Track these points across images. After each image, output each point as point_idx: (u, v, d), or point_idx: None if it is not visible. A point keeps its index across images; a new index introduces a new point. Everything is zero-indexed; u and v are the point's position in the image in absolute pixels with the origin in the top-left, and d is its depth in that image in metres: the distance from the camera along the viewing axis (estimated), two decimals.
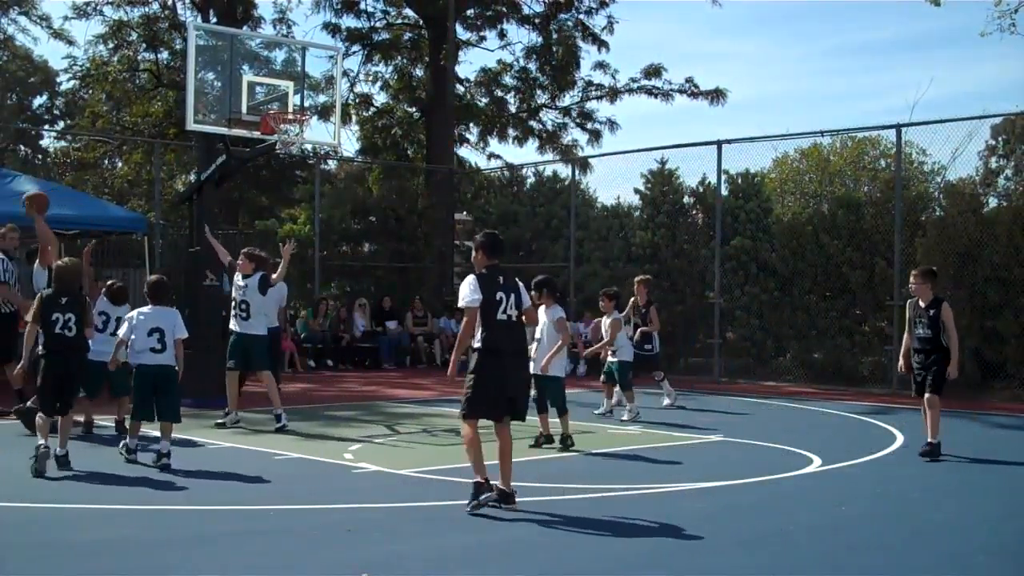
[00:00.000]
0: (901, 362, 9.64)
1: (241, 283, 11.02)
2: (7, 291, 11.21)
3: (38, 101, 41.86)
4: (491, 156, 27.22)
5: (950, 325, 9.10)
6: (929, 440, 9.13)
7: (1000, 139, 17.80)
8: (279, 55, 20.30)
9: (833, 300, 16.91)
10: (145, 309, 8.62)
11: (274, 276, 11.09)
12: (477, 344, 6.80)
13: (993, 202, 16.58)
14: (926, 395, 9.19)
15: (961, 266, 15.19)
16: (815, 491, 7.77)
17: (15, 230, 11.52)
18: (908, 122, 16.22)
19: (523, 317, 7.03)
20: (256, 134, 13.00)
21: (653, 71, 24.85)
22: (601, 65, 25.50)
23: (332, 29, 25.14)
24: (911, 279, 9.49)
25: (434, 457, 9.08)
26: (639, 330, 13.14)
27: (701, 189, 19.55)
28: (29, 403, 9.51)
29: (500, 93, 26.30)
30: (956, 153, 16.45)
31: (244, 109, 12.97)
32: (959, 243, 15.20)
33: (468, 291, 6.80)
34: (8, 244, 11.41)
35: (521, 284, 7.04)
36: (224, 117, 13.01)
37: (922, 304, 9.24)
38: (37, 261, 10.60)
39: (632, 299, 13.43)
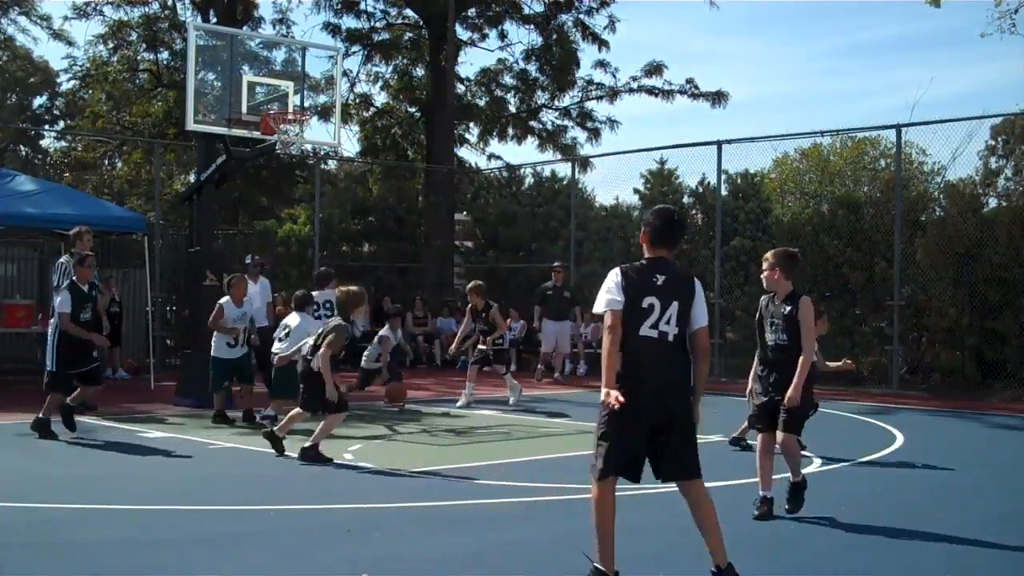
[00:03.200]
0: (751, 384, 7.10)
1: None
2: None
3: (38, 101, 41.88)
4: (491, 157, 27.26)
5: (808, 328, 6.61)
6: (792, 479, 6.83)
7: (1000, 139, 17.78)
8: (279, 55, 20.34)
9: (833, 300, 16.90)
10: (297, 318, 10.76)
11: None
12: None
13: (993, 202, 16.58)
14: (779, 434, 6.69)
15: (961, 266, 15.20)
16: (815, 491, 7.74)
17: (89, 232, 11.51)
18: (908, 122, 16.20)
19: (696, 340, 4.91)
20: (256, 134, 13.00)
21: (654, 69, 24.83)
22: (601, 64, 25.51)
23: (332, 29, 25.15)
24: (763, 264, 6.86)
25: (434, 457, 9.08)
26: (487, 338, 13.49)
27: (701, 189, 19.55)
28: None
29: (500, 93, 26.31)
30: (956, 153, 16.44)
31: (244, 109, 12.97)
32: (959, 243, 15.20)
33: (605, 290, 4.88)
34: (80, 249, 11.36)
35: (700, 291, 4.95)
36: (224, 117, 13.01)
37: (777, 300, 6.77)
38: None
39: (468, 306, 13.75)
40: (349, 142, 34.76)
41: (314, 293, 12.11)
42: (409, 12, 25.77)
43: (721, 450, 9.86)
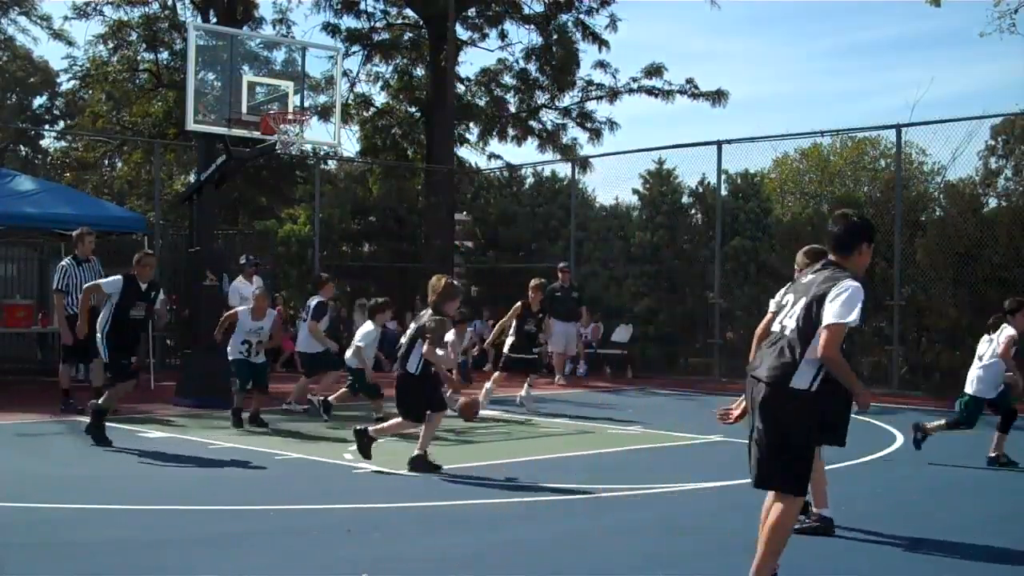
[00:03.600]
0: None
1: None
2: (60, 301, 11.29)
3: (38, 101, 41.85)
4: (491, 156, 27.26)
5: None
6: (813, 507, 6.35)
7: (1000, 139, 17.83)
8: (279, 55, 20.33)
9: None
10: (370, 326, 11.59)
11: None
12: None
13: (993, 202, 16.61)
14: None
15: (961, 266, 15.20)
16: None
17: (91, 234, 11.49)
18: (908, 122, 16.20)
19: (822, 341, 4.74)
20: (256, 134, 13.01)
21: (654, 70, 24.81)
22: (601, 64, 25.49)
23: (332, 29, 25.11)
24: (797, 261, 6.37)
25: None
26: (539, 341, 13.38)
27: (701, 189, 19.55)
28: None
29: (500, 93, 26.30)
30: (956, 153, 16.45)
31: (244, 109, 12.98)
32: (959, 243, 15.21)
33: None
34: (82, 252, 11.34)
35: (841, 291, 4.73)
36: (224, 117, 13.01)
37: None
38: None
39: (521, 303, 13.26)
40: (349, 142, 34.75)
41: (316, 298, 12.49)
42: (409, 12, 25.75)
43: (720, 450, 9.86)
